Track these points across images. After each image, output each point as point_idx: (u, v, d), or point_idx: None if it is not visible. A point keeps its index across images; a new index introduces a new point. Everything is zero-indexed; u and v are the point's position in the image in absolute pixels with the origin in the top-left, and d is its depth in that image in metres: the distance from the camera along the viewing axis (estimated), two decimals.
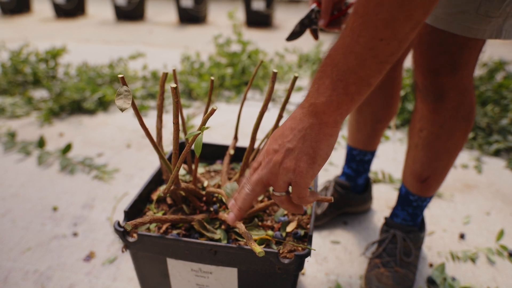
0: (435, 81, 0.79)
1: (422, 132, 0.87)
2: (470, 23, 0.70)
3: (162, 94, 0.69)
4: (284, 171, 0.51)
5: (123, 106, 0.51)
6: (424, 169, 0.90)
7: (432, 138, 0.85)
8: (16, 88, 2.18)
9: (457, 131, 0.84)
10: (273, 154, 0.52)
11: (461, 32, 0.72)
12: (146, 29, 4.24)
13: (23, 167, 1.45)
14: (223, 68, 2.39)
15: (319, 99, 0.49)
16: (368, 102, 1.05)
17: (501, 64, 2.32)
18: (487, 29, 0.70)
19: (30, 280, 0.95)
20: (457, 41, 0.74)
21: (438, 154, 0.87)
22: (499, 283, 0.97)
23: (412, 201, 0.96)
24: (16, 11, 4.98)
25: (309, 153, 0.50)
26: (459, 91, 0.80)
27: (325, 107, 0.49)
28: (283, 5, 5.91)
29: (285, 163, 0.51)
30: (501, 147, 1.63)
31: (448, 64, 0.77)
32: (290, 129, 0.51)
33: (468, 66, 0.78)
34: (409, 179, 0.95)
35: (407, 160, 0.95)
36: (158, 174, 0.85)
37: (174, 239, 0.64)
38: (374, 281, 0.91)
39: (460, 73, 0.78)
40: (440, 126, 0.83)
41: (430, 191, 0.94)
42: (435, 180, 0.91)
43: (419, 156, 0.90)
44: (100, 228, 1.14)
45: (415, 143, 0.90)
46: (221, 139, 1.71)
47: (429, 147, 0.87)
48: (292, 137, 0.51)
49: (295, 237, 0.70)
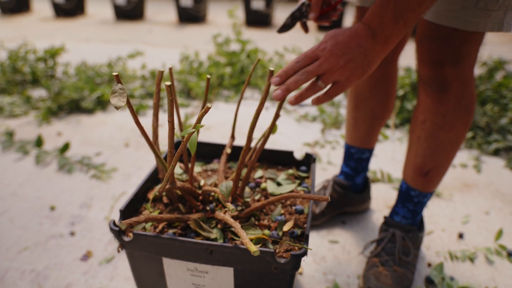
0: (439, 72, 0.82)
1: (425, 124, 0.88)
2: (470, 17, 0.72)
3: (158, 93, 0.68)
4: (340, 74, 0.62)
5: (118, 104, 0.50)
6: (427, 162, 0.91)
7: (435, 129, 0.87)
8: (15, 87, 2.17)
9: (459, 121, 0.85)
10: (335, 58, 0.60)
11: (462, 27, 0.74)
12: (146, 28, 4.23)
13: (21, 166, 1.45)
14: (222, 67, 2.39)
15: (383, 31, 0.60)
16: (365, 99, 1.05)
17: (500, 63, 2.32)
18: (487, 22, 0.72)
19: (27, 279, 0.95)
20: (459, 35, 0.76)
21: (441, 145, 0.88)
22: (497, 283, 0.97)
23: (413, 196, 0.96)
24: (15, 10, 4.98)
25: (364, 68, 0.62)
26: (462, 82, 0.82)
27: (388, 39, 0.60)
28: (282, 4, 5.91)
29: (344, 69, 0.61)
30: (501, 147, 1.63)
31: (451, 56, 0.79)
32: (356, 44, 0.60)
33: (470, 58, 0.80)
34: (410, 174, 0.95)
35: (409, 155, 0.96)
36: (155, 173, 0.84)
37: (170, 238, 0.64)
38: (372, 280, 0.91)
39: (462, 65, 0.80)
40: (443, 116, 0.85)
41: (431, 186, 0.94)
42: (437, 173, 0.92)
43: (421, 148, 0.91)
44: (97, 227, 1.13)
45: (418, 136, 0.91)
46: (220, 138, 1.70)
47: (432, 138, 0.88)
48: (356, 50, 0.60)
49: (292, 237, 0.70)
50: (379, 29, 0.60)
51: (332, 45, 0.61)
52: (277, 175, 0.90)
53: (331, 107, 2.07)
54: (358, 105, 1.07)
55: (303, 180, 0.89)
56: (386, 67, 1.01)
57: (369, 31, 0.61)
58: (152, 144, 0.62)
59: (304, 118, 1.94)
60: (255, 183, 0.86)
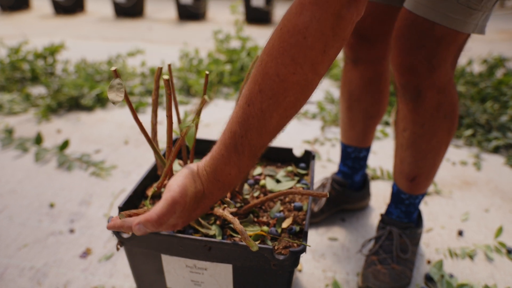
0: (412, 79, 0.78)
1: (405, 132, 0.86)
2: (451, 12, 0.69)
3: (157, 89, 0.68)
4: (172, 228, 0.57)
5: (115, 99, 0.50)
6: (412, 169, 0.89)
7: (415, 138, 0.84)
8: (14, 84, 2.17)
9: (440, 130, 0.82)
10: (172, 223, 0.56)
11: (440, 21, 0.70)
12: (146, 26, 4.22)
13: (20, 163, 1.45)
14: (222, 64, 2.39)
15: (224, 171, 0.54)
16: (358, 99, 1.04)
17: (501, 60, 2.31)
18: (467, 22, 0.69)
19: (26, 276, 0.95)
20: (436, 34, 0.72)
21: (423, 153, 0.85)
22: (497, 280, 0.97)
23: (404, 199, 0.95)
24: (15, 7, 4.97)
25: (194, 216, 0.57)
26: (438, 90, 0.78)
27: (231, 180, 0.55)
28: (282, 1, 5.89)
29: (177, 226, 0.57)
30: (501, 144, 1.62)
31: (425, 60, 0.75)
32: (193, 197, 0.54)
33: (446, 63, 0.76)
34: (398, 178, 0.94)
35: (396, 159, 0.94)
36: (154, 170, 0.84)
37: (168, 235, 0.63)
38: (370, 279, 0.91)
39: (438, 71, 0.76)
40: (421, 126, 0.82)
41: (420, 189, 0.93)
42: (424, 179, 0.90)
43: (405, 155, 0.89)
44: (97, 224, 1.13)
45: (400, 143, 0.89)
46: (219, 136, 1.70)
47: (413, 147, 0.85)
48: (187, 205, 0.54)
49: (291, 233, 0.70)
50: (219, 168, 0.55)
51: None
52: (276, 172, 0.90)
53: (331, 104, 2.07)
54: (351, 106, 1.06)
55: (302, 177, 0.89)
56: (376, 66, 0.99)
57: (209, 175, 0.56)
58: (150, 140, 0.62)
59: (304, 116, 1.94)
60: (254, 180, 0.86)
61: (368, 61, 0.98)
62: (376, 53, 0.96)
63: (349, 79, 1.04)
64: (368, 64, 0.98)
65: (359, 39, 0.95)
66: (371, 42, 0.95)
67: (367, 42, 0.95)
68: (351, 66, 1.02)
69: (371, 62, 0.98)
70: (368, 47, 0.96)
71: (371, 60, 0.98)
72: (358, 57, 0.98)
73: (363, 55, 0.97)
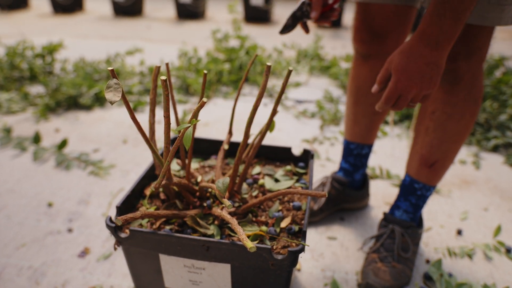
0: (453, 65, 0.83)
1: (434, 114, 0.89)
2: (485, 12, 0.73)
3: (155, 89, 0.68)
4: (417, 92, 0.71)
5: (113, 98, 0.50)
6: (433, 152, 0.91)
7: (444, 118, 0.88)
8: (12, 83, 2.16)
9: (468, 112, 0.87)
10: (415, 87, 0.69)
11: (479, 22, 0.75)
12: (144, 24, 4.21)
13: (18, 162, 1.44)
14: (220, 63, 2.38)
15: (445, 37, 0.65)
16: (365, 94, 1.04)
17: (500, 59, 2.31)
18: (502, 17, 0.74)
19: (25, 276, 0.95)
20: (473, 30, 0.78)
21: (449, 135, 0.89)
22: (496, 279, 0.97)
23: (416, 189, 0.97)
24: (13, 6, 4.95)
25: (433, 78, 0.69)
26: (473, 74, 0.84)
27: (450, 41, 0.66)
28: (281, 0, 5.88)
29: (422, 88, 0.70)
30: (500, 143, 1.62)
31: (465, 50, 0.81)
32: (425, 64, 0.67)
33: (482, 51, 0.82)
34: (415, 166, 0.96)
35: (414, 147, 0.96)
36: (152, 170, 0.84)
37: (166, 235, 0.63)
38: (371, 276, 0.91)
39: (474, 58, 0.82)
40: (453, 106, 0.86)
41: (435, 178, 0.95)
42: (442, 165, 0.93)
43: (429, 139, 0.92)
44: (95, 224, 1.13)
45: (426, 126, 0.92)
46: (218, 135, 1.70)
47: (440, 128, 0.89)
48: (428, 69, 0.68)
49: (289, 233, 0.70)
50: (441, 37, 0.65)
51: (408, 79, 0.69)
52: (275, 171, 0.89)
53: (330, 103, 2.07)
54: (358, 100, 1.07)
55: (301, 177, 0.89)
56: None
57: (430, 44, 0.66)
58: (148, 140, 0.61)
59: (303, 115, 1.93)
60: (252, 179, 0.85)
61: (378, 57, 0.99)
62: (387, 49, 0.97)
63: (357, 74, 1.05)
64: (378, 60, 0.99)
65: (372, 35, 0.97)
66: (383, 39, 0.97)
67: (379, 38, 0.97)
68: (361, 61, 1.03)
69: (381, 58, 0.99)
70: (380, 43, 0.97)
71: (382, 56, 0.98)
72: (369, 53, 1.00)
73: (374, 51, 0.99)
